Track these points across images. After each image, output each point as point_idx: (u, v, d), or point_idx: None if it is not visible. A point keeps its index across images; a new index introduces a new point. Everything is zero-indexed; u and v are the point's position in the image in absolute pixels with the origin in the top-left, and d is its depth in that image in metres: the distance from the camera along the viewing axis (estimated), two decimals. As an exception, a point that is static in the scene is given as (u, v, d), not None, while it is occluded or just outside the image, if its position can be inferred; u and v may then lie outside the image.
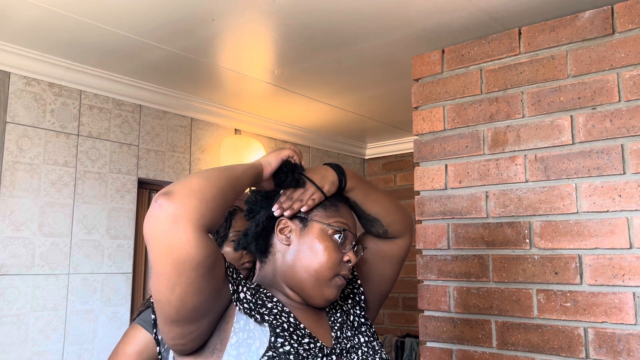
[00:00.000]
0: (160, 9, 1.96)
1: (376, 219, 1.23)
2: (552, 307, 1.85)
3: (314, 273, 1.07)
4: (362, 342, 1.15)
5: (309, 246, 1.08)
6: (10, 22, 2.08)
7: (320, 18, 2.03)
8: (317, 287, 1.08)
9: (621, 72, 1.81)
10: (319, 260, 1.07)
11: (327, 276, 1.08)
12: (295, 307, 1.10)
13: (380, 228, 1.24)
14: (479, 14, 1.98)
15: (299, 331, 1.04)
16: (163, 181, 2.90)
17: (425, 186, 2.22)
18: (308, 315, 1.11)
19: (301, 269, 1.08)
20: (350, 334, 1.15)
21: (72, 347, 2.45)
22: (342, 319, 1.17)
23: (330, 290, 1.09)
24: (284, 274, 1.10)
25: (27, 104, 2.41)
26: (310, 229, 1.10)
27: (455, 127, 2.16)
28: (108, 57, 2.43)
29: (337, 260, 1.09)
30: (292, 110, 3.26)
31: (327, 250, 1.08)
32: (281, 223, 1.11)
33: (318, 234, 1.09)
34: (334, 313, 1.17)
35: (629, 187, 1.76)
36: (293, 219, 1.11)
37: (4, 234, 2.30)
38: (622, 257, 1.74)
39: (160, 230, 0.84)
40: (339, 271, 1.09)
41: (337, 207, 1.13)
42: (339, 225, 1.10)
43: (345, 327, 1.15)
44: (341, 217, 1.12)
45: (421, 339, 2.16)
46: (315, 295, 1.08)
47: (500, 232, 2.00)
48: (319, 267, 1.07)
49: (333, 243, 1.09)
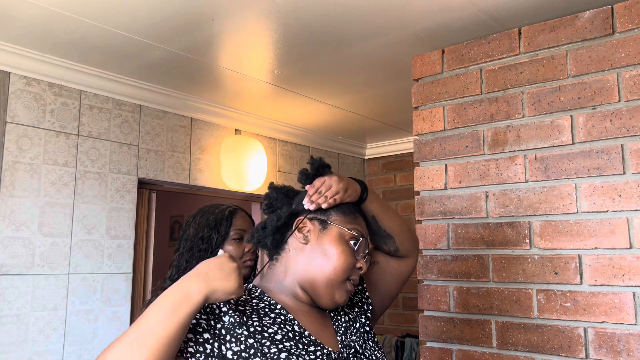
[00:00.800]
0: (160, 9, 1.96)
1: (390, 235, 1.29)
2: (552, 307, 1.85)
3: (327, 274, 1.09)
4: (366, 348, 1.15)
5: (325, 248, 1.11)
6: (10, 22, 2.08)
7: (320, 18, 2.03)
8: (329, 289, 1.10)
9: (621, 72, 1.81)
10: (333, 262, 1.10)
11: (340, 279, 1.10)
12: (300, 311, 1.11)
13: (392, 245, 1.31)
14: (479, 14, 1.98)
15: (305, 339, 1.04)
16: (163, 181, 2.90)
17: (425, 186, 2.22)
18: (313, 319, 1.12)
19: (316, 269, 1.10)
20: (355, 338, 1.16)
21: (72, 347, 2.45)
22: (346, 324, 1.18)
23: (340, 294, 1.11)
24: (296, 272, 1.12)
25: (27, 104, 2.41)
26: (329, 231, 1.13)
27: (455, 127, 2.16)
28: (108, 57, 2.43)
29: (351, 265, 1.11)
30: (292, 110, 3.26)
31: (343, 254, 1.10)
32: (301, 222, 1.13)
33: (336, 237, 1.12)
34: (338, 318, 1.18)
35: (629, 187, 1.76)
36: (312, 220, 1.14)
37: (4, 234, 2.30)
38: (622, 257, 1.74)
39: None
40: (350, 276, 1.12)
41: (355, 216, 1.17)
42: (357, 231, 1.14)
43: (349, 332, 1.16)
44: (358, 225, 1.17)
45: (421, 339, 2.16)
46: (326, 296, 1.10)
47: (500, 232, 2.00)
48: (333, 270, 1.09)
49: (349, 248, 1.12)
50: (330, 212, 1.15)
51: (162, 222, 4.46)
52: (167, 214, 4.69)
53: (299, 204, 1.16)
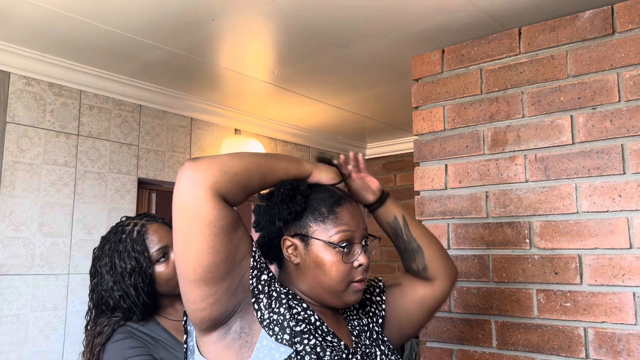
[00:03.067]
0: (160, 9, 1.96)
1: (420, 248, 1.24)
2: (552, 307, 1.85)
3: (327, 287, 1.08)
4: (378, 352, 1.15)
5: (315, 264, 1.08)
6: (10, 22, 2.08)
7: (320, 18, 2.03)
8: (335, 298, 1.09)
9: (621, 72, 1.81)
10: (327, 276, 1.07)
11: (340, 288, 1.08)
12: (316, 308, 1.11)
13: (421, 262, 1.24)
14: (479, 14, 1.98)
15: (324, 327, 1.06)
16: (163, 181, 2.90)
17: (425, 186, 2.22)
18: (328, 316, 1.12)
19: (314, 284, 1.08)
20: (369, 343, 1.15)
21: (72, 347, 2.45)
22: (360, 327, 1.18)
23: (349, 297, 1.09)
24: (300, 286, 1.11)
25: (27, 104, 2.41)
26: (312, 246, 1.08)
27: (455, 127, 2.16)
28: (108, 57, 2.43)
29: (346, 272, 1.07)
30: (292, 110, 3.26)
31: (333, 265, 1.06)
32: (286, 242, 1.10)
33: (321, 250, 1.07)
34: (352, 320, 1.18)
35: (629, 187, 1.76)
36: (295, 237, 1.09)
37: (4, 234, 2.30)
38: (622, 257, 1.74)
39: (180, 190, 0.94)
40: (351, 279, 1.08)
41: (335, 215, 1.09)
42: (340, 236, 1.07)
43: (363, 335, 1.16)
44: (341, 224, 1.09)
45: (421, 338, 2.16)
46: (335, 303, 1.10)
47: (500, 232, 2.00)
48: (330, 283, 1.07)
49: (338, 256, 1.07)
50: (309, 223, 1.08)
51: (162, 222, 4.45)
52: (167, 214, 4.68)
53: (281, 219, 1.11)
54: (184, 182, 0.94)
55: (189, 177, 0.94)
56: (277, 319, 1.00)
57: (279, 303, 1.02)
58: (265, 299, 1.01)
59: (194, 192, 0.93)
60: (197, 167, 0.94)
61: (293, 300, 1.06)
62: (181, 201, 0.94)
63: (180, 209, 0.95)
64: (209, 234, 0.94)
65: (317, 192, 1.12)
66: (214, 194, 0.94)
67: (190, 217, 0.94)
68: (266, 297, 1.01)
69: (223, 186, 0.95)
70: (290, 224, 1.10)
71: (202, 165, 0.95)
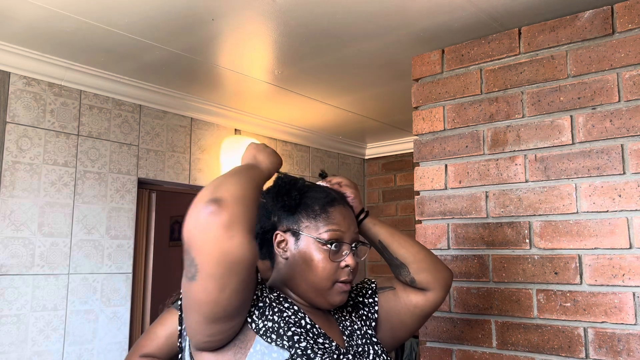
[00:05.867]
0: (160, 9, 1.96)
1: (403, 264, 1.23)
2: (552, 307, 1.85)
3: (312, 284, 1.08)
4: (372, 351, 1.15)
5: (303, 259, 1.09)
6: (10, 22, 2.08)
7: (320, 18, 2.03)
8: (320, 296, 1.09)
9: (621, 72, 1.81)
10: (314, 273, 1.08)
11: (326, 286, 1.09)
12: (307, 309, 1.12)
13: (407, 276, 1.23)
14: (478, 14, 1.98)
15: (315, 330, 1.06)
16: (163, 181, 2.90)
17: (425, 186, 2.22)
18: (319, 317, 1.12)
19: (300, 281, 1.09)
20: (360, 342, 1.15)
21: (72, 347, 2.45)
22: (351, 327, 1.18)
23: (333, 298, 1.10)
24: (288, 282, 1.12)
25: (27, 104, 2.41)
26: (302, 241, 1.10)
27: (455, 127, 2.16)
28: (108, 57, 2.43)
29: (332, 270, 1.09)
30: (292, 110, 3.26)
31: (320, 262, 1.08)
32: (277, 237, 1.12)
33: (310, 246, 1.09)
34: (343, 320, 1.18)
35: (629, 187, 1.76)
36: (286, 232, 1.11)
37: (4, 234, 2.30)
38: (622, 257, 1.74)
39: (214, 237, 0.86)
40: (337, 279, 1.09)
41: (327, 214, 1.11)
42: (330, 234, 1.09)
43: (355, 335, 1.16)
44: (332, 224, 1.11)
45: (421, 338, 2.16)
46: (319, 302, 1.10)
47: (500, 232, 2.00)
48: (315, 279, 1.08)
49: (326, 254, 1.08)
50: (301, 219, 1.11)
51: (162, 222, 4.45)
52: (167, 214, 4.68)
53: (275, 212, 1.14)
54: (218, 228, 0.86)
55: (224, 223, 0.86)
56: (272, 326, 1.01)
57: (271, 310, 1.03)
58: (256, 311, 1.02)
59: (233, 239, 0.86)
60: (227, 210, 0.87)
61: (284, 304, 1.07)
62: (216, 249, 0.86)
63: (215, 257, 0.87)
64: (247, 275, 0.90)
65: (313, 192, 1.15)
66: (250, 234, 0.89)
67: (228, 264, 0.87)
68: (257, 309, 1.02)
69: (252, 222, 0.91)
70: (283, 219, 1.12)
71: (231, 208, 0.88)
